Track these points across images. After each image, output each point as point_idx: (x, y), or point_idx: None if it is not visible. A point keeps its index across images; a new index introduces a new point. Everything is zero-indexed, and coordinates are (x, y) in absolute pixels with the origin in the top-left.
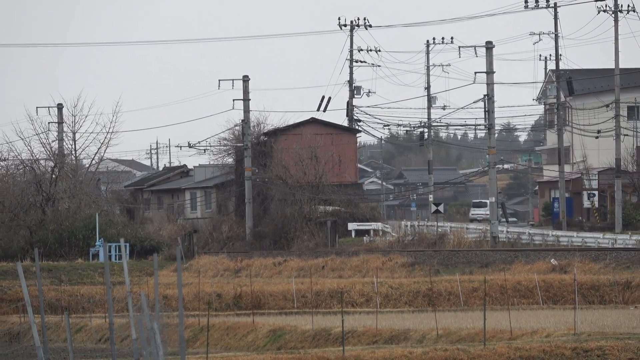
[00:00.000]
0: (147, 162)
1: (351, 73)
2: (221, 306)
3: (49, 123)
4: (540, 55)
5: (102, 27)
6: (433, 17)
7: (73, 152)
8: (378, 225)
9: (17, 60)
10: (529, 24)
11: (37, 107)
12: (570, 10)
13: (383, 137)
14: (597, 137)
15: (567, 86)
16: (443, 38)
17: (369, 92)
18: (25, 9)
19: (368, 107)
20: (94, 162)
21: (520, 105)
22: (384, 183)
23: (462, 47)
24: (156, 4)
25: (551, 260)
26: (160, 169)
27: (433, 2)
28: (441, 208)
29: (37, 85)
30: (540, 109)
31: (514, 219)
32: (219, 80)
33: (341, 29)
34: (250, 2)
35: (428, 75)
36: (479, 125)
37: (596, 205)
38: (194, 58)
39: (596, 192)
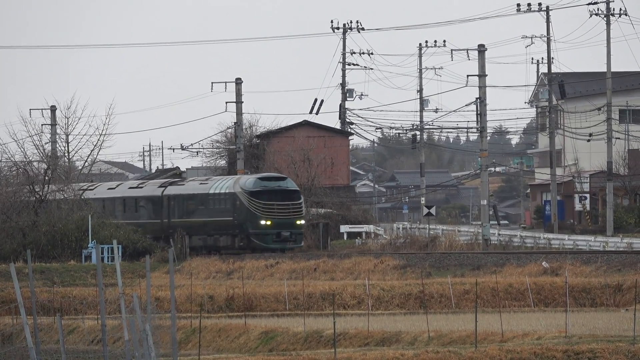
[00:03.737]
0: (139, 165)
1: (344, 76)
2: (213, 308)
3: (42, 125)
4: (532, 59)
5: (96, 30)
6: (426, 21)
7: (66, 154)
8: (370, 228)
9: (10, 62)
10: (521, 27)
11: (30, 109)
12: (562, 13)
13: (375, 140)
14: (588, 140)
15: (559, 89)
16: (435, 41)
17: (362, 94)
18: (17, 11)
19: (360, 109)
20: (86, 164)
21: (512, 108)
22: (376, 185)
23: (455, 50)
24: (149, 7)
25: (542, 263)
26: (153, 171)
27: (426, 5)
28: (433, 211)
29: (31, 87)
30: (532, 112)
31: (506, 222)
32: (212, 83)
33: (334, 32)
34: (243, 5)
35: (420, 78)
36: (471, 128)
37: (587, 208)
38: (188, 61)
39: (588, 195)
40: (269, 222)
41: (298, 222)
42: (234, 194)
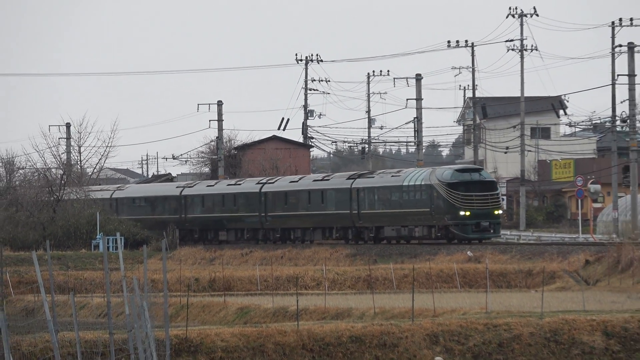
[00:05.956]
0: (139, 171)
1: (306, 99)
2: (198, 288)
3: (59, 138)
4: (460, 85)
5: (103, 57)
6: (373, 54)
7: (79, 162)
8: None
9: (32, 87)
10: (451, 59)
11: (49, 126)
12: (485, 48)
13: (331, 152)
14: (505, 153)
15: (481, 111)
16: (381, 71)
17: (320, 114)
18: (41, 43)
19: (319, 126)
20: (95, 170)
21: (443, 126)
22: None
23: (397, 78)
24: (147, 40)
25: (468, 253)
26: (150, 176)
27: (373, 40)
28: None
29: (50, 107)
30: (459, 129)
31: None
32: (198, 105)
33: (297, 63)
34: (225, 39)
35: (368, 101)
36: (410, 142)
37: (505, 207)
38: (179, 85)
39: (505, 197)
40: (467, 213)
41: (496, 212)
42: (430, 185)
